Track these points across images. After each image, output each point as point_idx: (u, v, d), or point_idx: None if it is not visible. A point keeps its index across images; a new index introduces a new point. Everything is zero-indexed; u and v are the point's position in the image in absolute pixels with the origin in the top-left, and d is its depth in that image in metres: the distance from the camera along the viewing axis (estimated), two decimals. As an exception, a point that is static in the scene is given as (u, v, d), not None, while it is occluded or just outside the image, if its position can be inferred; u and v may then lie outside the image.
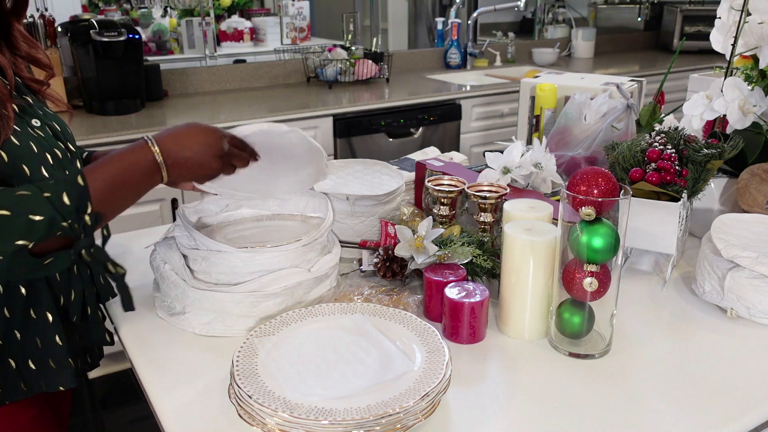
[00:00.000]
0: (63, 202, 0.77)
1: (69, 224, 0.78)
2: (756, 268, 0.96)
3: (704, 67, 3.47)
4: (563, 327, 0.92)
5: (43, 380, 0.90)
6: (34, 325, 0.89)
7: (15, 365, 0.88)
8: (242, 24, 3.27)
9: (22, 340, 0.88)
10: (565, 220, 0.88)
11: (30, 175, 0.84)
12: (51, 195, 0.77)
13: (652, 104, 1.44)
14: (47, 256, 0.79)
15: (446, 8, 3.84)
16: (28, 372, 0.89)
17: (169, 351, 0.93)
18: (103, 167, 0.84)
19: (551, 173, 1.22)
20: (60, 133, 0.93)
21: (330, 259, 1.02)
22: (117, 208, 0.86)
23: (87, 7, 2.94)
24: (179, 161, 0.87)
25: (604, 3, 4.48)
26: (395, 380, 0.78)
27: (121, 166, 0.85)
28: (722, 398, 0.83)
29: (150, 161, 0.86)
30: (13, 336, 0.88)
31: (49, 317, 0.89)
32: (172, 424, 0.79)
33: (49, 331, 0.89)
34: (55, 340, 0.90)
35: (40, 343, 0.89)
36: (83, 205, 0.79)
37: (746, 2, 1.28)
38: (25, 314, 0.88)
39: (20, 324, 0.88)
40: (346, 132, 2.75)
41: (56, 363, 0.90)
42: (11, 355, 0.88)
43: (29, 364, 0.89)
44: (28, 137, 0.86)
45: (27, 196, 0.76)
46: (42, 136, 0.89)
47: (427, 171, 1.27)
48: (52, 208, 0.76)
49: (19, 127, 0.85)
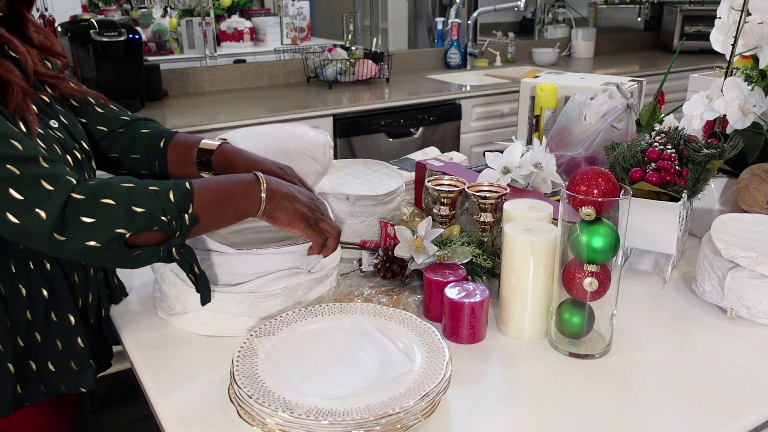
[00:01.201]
0: (168, 198, 0.80)
1: (168, 220, 0.79)
2: (756, 268, 0.96)
3: (704, 67, 3.46)
4: (563, 327, 0.92)
5: (63, 382, 0.90)
6: (55, 327, 0.89)
7: (35, 367, 0.89)
8: (242, 24, 3.27)
9: (43, 342, 0.88)
10: (565, 220, 0.88)
11: None
12: (158, 190, 0.80)
13: (652, 104, 1.44)
14: (137, 248, 0.79)
15: (446, 8, 3.84)
16: (48, 374, 0.89)
17: (169, 351, 0.93)
18: (210, 181, 0.88)
19: (551, 173, 1.22)
20: (75, 132, 0.93)
21: (330, 260, 1.01)
22: (214, 221, 0.87)
23: (87, 7, 2.94)
24: (277, 191, 0.89)
25: (604, 3, 4.48)
26: (395, 380, 0.78)
27: (228, 183, 0.88)
28: (722, 398, 0.83)
29: (252, 182, 0.88)
30: (34, 338, 0.88)
31: (71, 319, 0.90)
32: (172, 424, 0.79)
33: (71, 333, 0.90)
34: (77, 342, 0.90)
35: (60, 345, 0.89)
36: (186, 204, 0.81)
37: (746, 2, 1.28)
38: (47, 317, 0.88)
39: (42, 326, 0.88)
40: (346, 132, 2.75)
41: (77, 364, 0.91)
42: (32, 357, 0.88)
43: (49, 366, 0.89)
44: (52, 140, 0.85)
45: (134, 189, 0.79)
46: (62, 137, 0.88)
47: (427, 171, 1.27)
48: (156, 202, 0.79)
49: (42, 130, 0.85)
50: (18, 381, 0.87)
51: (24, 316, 0.86)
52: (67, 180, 0.75)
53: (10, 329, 0.86)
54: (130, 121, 1.05)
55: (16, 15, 0.89)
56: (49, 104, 0.91)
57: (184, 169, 1.05)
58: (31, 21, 0.91)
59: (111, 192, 0.77)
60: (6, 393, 0.86)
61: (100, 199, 0.76)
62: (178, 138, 1.06)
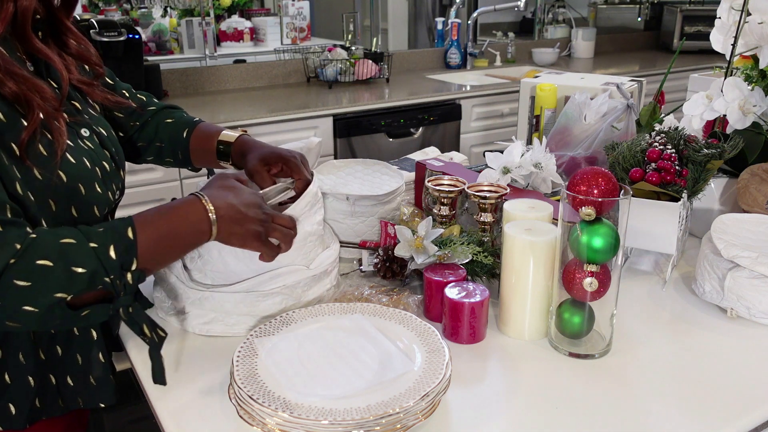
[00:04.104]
0: (109, 256, 0.72)
1: (111, 280, 0.73)
2: (756, 268, 0.96)
3: (704, 67, 3.46)
4: (563, 327, 0.92)
5: (81, 397, 0.89)
6: (77, 341, 0.88)
7: (54, 381, 0.87)
8: (242, 24, 3.27)
9: (63, 355, 0.87)
10: (565, 220, 0.88)
11: (85, 194, 0.82)
12: (98, 246, 0.72)
13: (652, 104, 1.44)
14: (84, 308, 0.73)
15: (446, 8, 3.84)
16: (66, 388, 0.88)
17: (169, 351, 0.93)
18: (155, 221, 0.78)
19: (551, 173, 1.22)
20: (106, 140, 0.91)
21: (329, 255, 1.01)
22: (162, 263, 0.83)
23: (87, 7, 2.95)
24: (225, 218, 0.81)
25: (604, 3, 4.48)
26: (395, 380, 0.78)
27: (173, 221, 0.79)
28: (722, 398, 0.83)
29: (202, 218, 0.80)
30: (55, 351, 0.87)
31: (93, 333, 0.88)
32: (172, 424, 0.79)
33: (93, 347, 0.88)
34: (98, 357, 0.89)
35: (80, 360, 0.88)
36: (128, 261, 0.74)
37: (746, 2, 1.28)
38: (69, 330, 0.87)
39: (63, 340, 0.87)
40: (346, 132, 2.75)
41: (97, 380, 0.89)
42: (52, 370, 0.87)
43: (68, 380, 0.88)
44: (81, 152, 0.83)
45: (72, 245, 0.71)
46: (92, 147, 0.86)
47: (427, 171, 1.27)
48: (96, 261, 0.71)
49: (72, 142, 0.83)
50: (38, 394, 0.86)
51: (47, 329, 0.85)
52: (10, 246, 0.69)
53: (33, 342, 0.84)
54: (157, 110, 1.08)
55: (55, 21, 0.88)
56: (80, 111, 0.89)
57: (204, 159, 1.06)
58: (70, 28, 0.89)
59: (48, 251, 0.70)
60: (24, 406, 0.84)
61: (36, 260, 0.69)
62: (201, 128, 1.07)
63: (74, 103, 0.89)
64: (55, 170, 0.78)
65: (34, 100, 0.76)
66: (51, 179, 0.78)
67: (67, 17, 0.89)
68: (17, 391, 0.84)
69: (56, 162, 0.78)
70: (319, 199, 1.00)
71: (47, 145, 0.78)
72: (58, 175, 0.79)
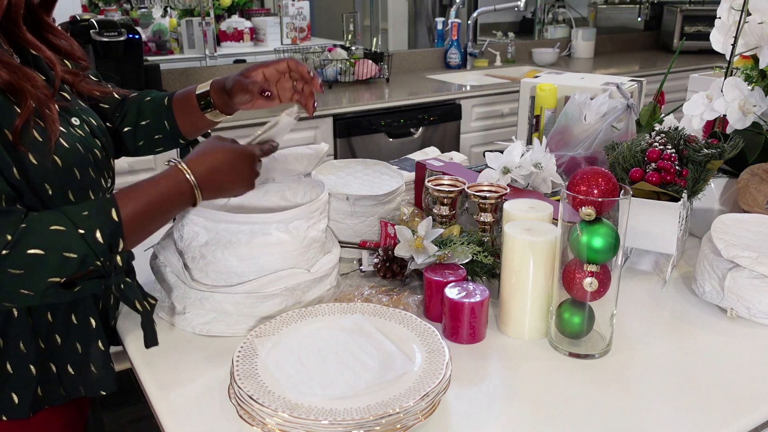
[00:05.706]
0: (96, 240, 0.76)
1: (101, 263, 0.77)
2: (756, 268, 0.96)
3: (704, 67, 3.46)
4: (563, 327, 0.92)
5: (82, 385, 0.90)
6: (75, 330, 0.89)
7: (55, 370, 0.88)
8: (242, 24, 3.27)
9: (63, 344, 0.88)
10: (565, 220, 0.88)
11: (80, 179, 0.84)
12: (85, 232, 0.75)
13: (652, 104, 1.44)
14: (76, 284, 0.78)
15: (446, 8, 3.84)
16: (67, 376, 0.89)
17: (169, 351, 0.93)
18: (136, 198, 0.82)
19: (551, 173, 1.22)
20: (96, 129, 0.93)
21: (330, 260, 1.01)
22: (147, 234, 0.86)
23: (87, 7, 2.94)
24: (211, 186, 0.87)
25: (604, 3, 4.48)
26: (395, 380, 0.78)
27: (155, 195, 0.83)
28: (722, 398, 0.83)
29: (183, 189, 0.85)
30: (54, 341, 0.88)
31: (92, 322, 0.89)
32: (172, 424, 0.79)
33: (92, 336, 0.89)
34: (98, 345, 0.90)
35: (80, 348, 0.89)
36: (116, 243, 0.78)
37: (746, 2, 1.28)
38: (67, 319, 0.88)
39: (62, 329, 0.88)
40: (346, 132, 2.75)
41: (98, 368, 0.90)
42: (52, 359, 0.88)
43: (68, 368, 0.89)
44: (74, 138, 0.86)
45: (61, 233, 0.74)
46: (83, 135, 0.88)
47: (427, 171, 1.27)
48: (86, 246, 0.75)
49: (65, 129, 0.85)
50: (39, 383, 0.87)
51: (45, 317, 0.86)
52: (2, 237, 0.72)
53: (33, 330, 0.85)
54: (135, 96, 1.10)
55: (36, 19, 0.90)
56: (69, 101, 0.91)
57: (191, 121, 1.07)
58: (51, 25, 0.92)
59: (39, 240, 0.73)
60: (27, 395, 0.86)
61: (27, 250, 0.72)
62: (178, 93, 1.09)
63: (63, 94, 0.91)
64: (50, 155, 0.80)
65: (26, 88, 0.78)
66: (46, 164, 0.80)
67: (48, 14, 0.92)
68: (19, 381, 0.85)
69: (50, 147, 0.80)
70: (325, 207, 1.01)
71: (41, 132, 0.80)
72: (53, 160, 0.81)
